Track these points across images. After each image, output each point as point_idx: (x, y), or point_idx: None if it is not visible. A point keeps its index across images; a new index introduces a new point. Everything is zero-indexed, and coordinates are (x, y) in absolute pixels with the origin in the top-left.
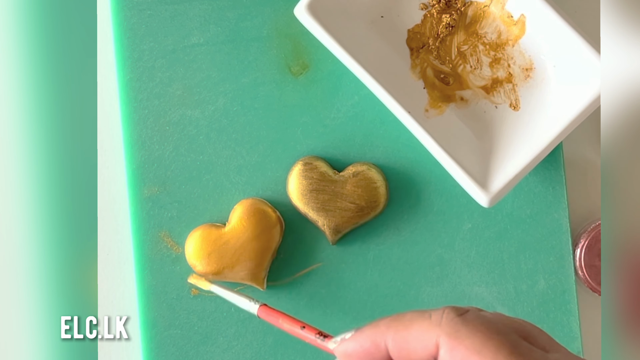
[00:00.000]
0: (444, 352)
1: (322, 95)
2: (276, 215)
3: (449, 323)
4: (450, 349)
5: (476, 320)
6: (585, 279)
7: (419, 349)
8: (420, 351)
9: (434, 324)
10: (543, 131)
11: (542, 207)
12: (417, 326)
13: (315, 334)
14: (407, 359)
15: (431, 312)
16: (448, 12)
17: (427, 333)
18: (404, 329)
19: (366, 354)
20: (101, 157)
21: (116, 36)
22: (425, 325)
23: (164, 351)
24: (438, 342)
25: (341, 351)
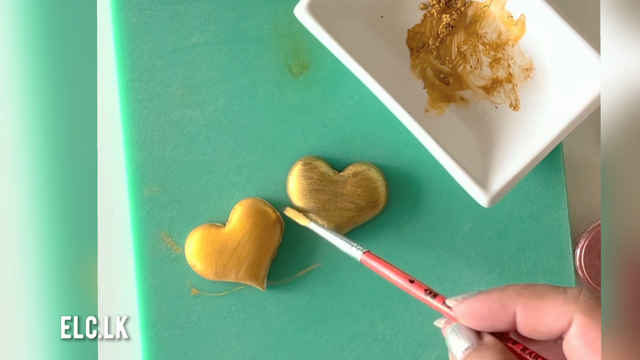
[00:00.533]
0: (577, 329)
1: (322, 95)
2: (276, 215)
3: (587, 301)
4: (585, 327)
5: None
6: (585, 279)
7: (551, 321)
8: (551, 323)
9: (570, 299)
10: (543, 131)
11: (542, 207)
12: (552, 298)
13: (424, 290)
14: (534, 328)
15: (567, 289)
16: (448, 12)
17: (562, 307)
18: (537, 299)
19: (492, 315)
20: (101, 157)
21: (116, 36)
22: (560, 299)
23: (164, 351)
24: (572, 318)
25: (463, 310)
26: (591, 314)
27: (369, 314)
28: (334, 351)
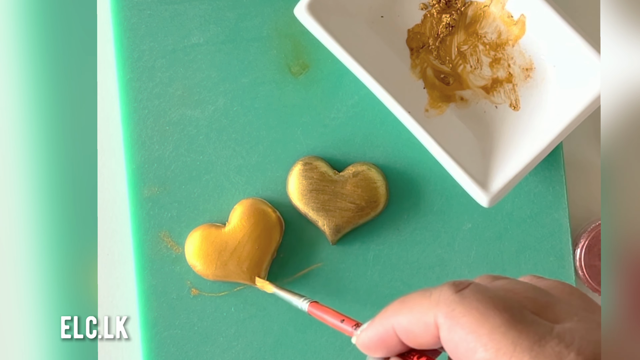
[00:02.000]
0: (443, 332)
1: (322, 95)
2: (276, 215)
3: (445, 301)
4: (448, 329)
5: (474, 295)
6: (585, 279)
7: (422, 331)
8: (424, 333)
9: (432, 303)
10: (543, 131)
11: (542, 207)
12: (418, 307)
13: (352, 325)
14: (415, 341)
15: (432, 291)
16: (448, 12)
17: (427, 314)
18: (408, 311)
19: (381, 342)
20: (101, 157)
21: (116, 36)
22: (425, 305)
23: (164, 351)
24: (437, 322)
25: (360, 344)
26: (450, 314)
27: (368, 314)
28: (334, 352)
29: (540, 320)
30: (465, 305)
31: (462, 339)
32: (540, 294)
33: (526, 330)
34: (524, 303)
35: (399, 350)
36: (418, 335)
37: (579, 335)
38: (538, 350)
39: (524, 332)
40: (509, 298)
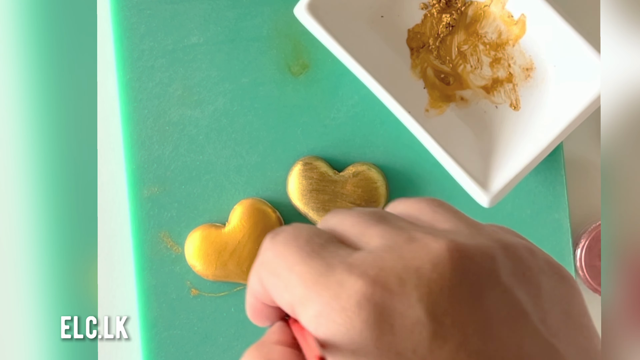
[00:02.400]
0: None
1: (322, 95)
2: (276, 215)
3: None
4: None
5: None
6: (585, 279)
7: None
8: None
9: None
10: (543, 131)
11: (543, 207)
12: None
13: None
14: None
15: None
16: (448, 11)
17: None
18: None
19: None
20: (101, 157)
21: (116, 36)
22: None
23: (164, 351)
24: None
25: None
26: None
27: None
28: None
29: (338, 251)
30: (273, 250)
31: (273, 284)
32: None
33: (317, 264)
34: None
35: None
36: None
37: (372, 257)
38: (322, 282)
39: (313, 266)
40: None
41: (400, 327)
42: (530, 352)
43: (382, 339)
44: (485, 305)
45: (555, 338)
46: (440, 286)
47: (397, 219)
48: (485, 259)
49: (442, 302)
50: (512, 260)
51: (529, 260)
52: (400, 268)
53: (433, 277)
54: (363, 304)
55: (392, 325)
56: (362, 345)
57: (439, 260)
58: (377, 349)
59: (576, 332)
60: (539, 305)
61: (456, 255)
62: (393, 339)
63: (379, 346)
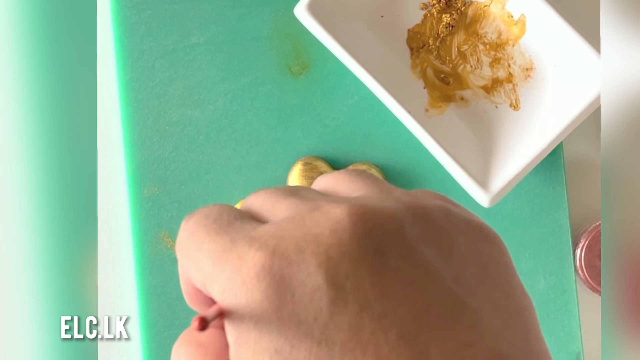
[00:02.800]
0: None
1: (322, 95)
2: None
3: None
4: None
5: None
6: (585, 279)
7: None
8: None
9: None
10: (543, 131)
11: (543, 207)
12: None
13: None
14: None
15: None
16: (448, 11)
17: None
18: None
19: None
20: (101, 157)
21: (116, 36)
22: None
23: (164, 351)
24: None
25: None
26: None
27: None
28: None
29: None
30: (186, 230)
31: (187, 265)
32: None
33: (222, 240)
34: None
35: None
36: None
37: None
38: (225, 257)
39: (219, 242)
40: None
41: (301, 295)
42: (439, 311)
43: (282, 308)
44: (389, 267)
45: (470, 296)
46: (339, 252)
47: (308, 192)
48: (389, 221)
49: (343, 268)
50: (422, 221)
51: (441, 220)
52: (299, 236)
53: (332, 242)
54: (262, 275)
55: (293, 294)
56: (264, 316)
57: (339, 226)
58: (278, 319)
59: (494, 289)
60: (451, 264)
61: (356, 219)
62: (294, 308)
63: (280, 316)
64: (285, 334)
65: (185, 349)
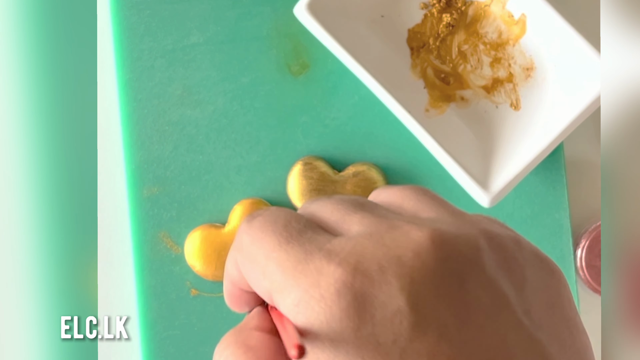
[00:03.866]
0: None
1: (322, 95)
2: None
3: (238, 235)
4: (241, 262)
5: (258, 223)
6: (586, 279)
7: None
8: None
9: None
10: (544, 131)
11: (543, 207)
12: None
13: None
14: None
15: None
16: (448, 11)
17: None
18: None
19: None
20: (101, 157)
21: (115, 36)
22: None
23: (164, 351)
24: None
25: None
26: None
27: None
28: None
29: (317, 237)
30: (250, 234)
31: (249, 269)
32: (344, 206)
33: (295, 250)
34: (317, 221)
35: (258, 300)
36: (240, 279)
37: (352, 244)
38: (300, 269)
39: (291, 252)
40: (296, 219)
41: (381, 317)
42: (513, 344)
43: (362, 328)
44: (468, 295)
45: (540, 331)
46: (422, 275)
47: (377, 207)
48: (469, 248)
49: (424, 292)
50: (497, 250)
51: (515, 251)
52: (381, 256)
53: (415, 265)
54: (343, 292)
55: (373, 315)
56: (341, 334)
57: (422, 249)
58: (357, 339)
59: (561, 325)
60: (523, 297)
61: (439, 244)
62: (373, 329)
63: (359, 336)
64: (362, 354)
65: (233, 351)
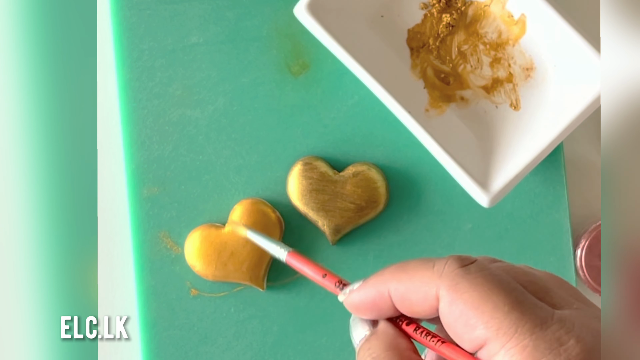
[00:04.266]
0: (444, 305)
1: (322, 95)
2: (276, 216)
3: (449, 274)
4: (450, 302)
5: (479, 272)
6: (586, 279)
7: (420, 300)
8: (421, 302)
9: (435, 274)
10: (543, 131)
11: (543, 207)
12: (419, 276)
13: (335, 282)
14: (410, 309)
15: (435, 261)
16: (448, 11)
17: (428, 284)
18: (407, 279)
19: (372, 305)
20: (101, 157)
21: (116, 36)
22: (427, 275)
23: (164, 351)
24: (438, 294)
25: (349, 303)
26: (454, 287)
27: None
28: (334, 352)
29: (542, 304)
30: (470, 280)
31: (463, 313)
32: (539, 278)
33: (529, 312)
34: (524, 285)
35: (389, 314)
36: (415, 304)
37: (579, 323)
38: (539, 334)
39: (526, 314)
40: (510, 279)
41: None
42: None
43: None
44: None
45: None
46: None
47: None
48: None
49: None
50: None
51: None
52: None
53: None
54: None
55: None
56: None
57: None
58: None
59: None
60: None
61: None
62: None
63: None
64: None
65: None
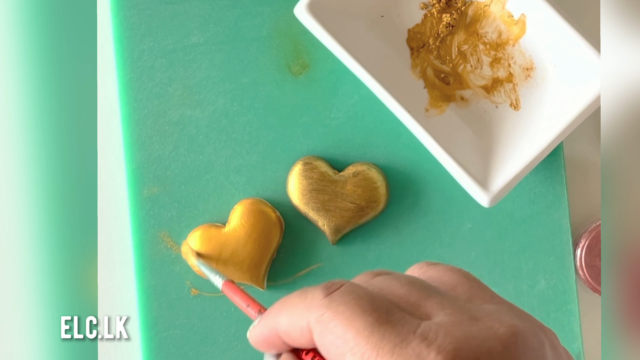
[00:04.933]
0: (316, 337)
1: (322, 95)
2: (276, 215)
3: (316, 305)
4: (319, 334)
5: (342, 299)
6: (585, 279)
7: (299, 334)
8: (300, 337)
9: (306, 307)
10: (543, 131)
11: (543, 207)
12: (294, 310)
13: (256, 312)
14: (296, 343)
15: (307, 292)
16: (448, 11)
17: (301, 318)
18: (286, 314)
19: (267, 342)
20: (101, 157)
21: (116, 36)
22: (300, 308)
23: (164, 351)
24: (310, 326)
25: (251, 341)
26: (320, 319)
27: None
28: None
29: (408, 319)
30: (333, 309)
31: (332, 343)
32: (416, 288)
33: (389, 332)
34: (395, 301)
35: (287, 348)
36: (296, 338)
37: (443, 331)
38: (399, 352)
39: (386, 334)
40: (378, 298)
41: None
42: None
43: None
44: None
45: None
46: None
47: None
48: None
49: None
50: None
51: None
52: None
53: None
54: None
55: None
56: None
57: (509, 343)
58: None
59: None
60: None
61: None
62: None
63: None
64: None
65: None
